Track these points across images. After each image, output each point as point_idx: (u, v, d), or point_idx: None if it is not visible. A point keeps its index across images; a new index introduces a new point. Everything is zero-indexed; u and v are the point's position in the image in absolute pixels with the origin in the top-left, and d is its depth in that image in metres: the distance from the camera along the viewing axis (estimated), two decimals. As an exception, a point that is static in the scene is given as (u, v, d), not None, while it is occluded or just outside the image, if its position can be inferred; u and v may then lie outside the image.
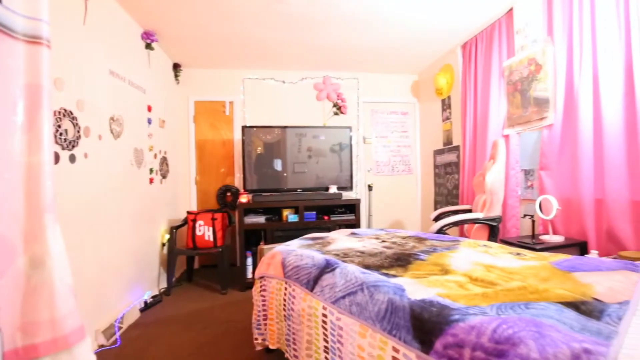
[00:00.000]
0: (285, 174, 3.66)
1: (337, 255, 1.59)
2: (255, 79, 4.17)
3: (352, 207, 3.52)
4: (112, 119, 2.38)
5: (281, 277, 1.62)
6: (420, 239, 1.93)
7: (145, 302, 2.74)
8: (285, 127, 3.70)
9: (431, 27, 3.13)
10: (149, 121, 3.06)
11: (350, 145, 3.81)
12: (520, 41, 2.66)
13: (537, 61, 2.47)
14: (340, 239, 1.96)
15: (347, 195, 3.87)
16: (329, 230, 3.25)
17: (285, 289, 1.58)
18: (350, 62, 4.02)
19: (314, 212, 3.40)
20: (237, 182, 4.09)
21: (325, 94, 4.26)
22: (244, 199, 3.31)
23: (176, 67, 3.85)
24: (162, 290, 3.16)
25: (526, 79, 2.56)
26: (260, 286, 1.79)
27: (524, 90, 2.59)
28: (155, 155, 3.21)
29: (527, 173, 2.78)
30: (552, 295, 1.04)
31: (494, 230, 2.50)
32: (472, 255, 1.53)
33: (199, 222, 3.32)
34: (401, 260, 1.46)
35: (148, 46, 3.02)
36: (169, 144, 3.59)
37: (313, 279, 1.42)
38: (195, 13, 2.73)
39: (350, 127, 3.83)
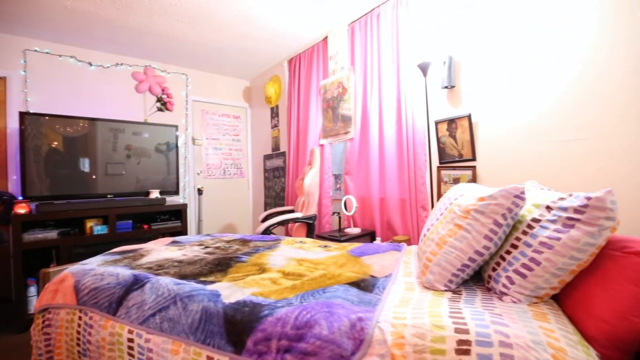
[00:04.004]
0: (94, 177, 3.00)
1: (150, 268, 1.42)
2: (46, 54, 3.25)
3: (179, 213, 3.25)
4: None
5: (73, 304, 1.32)
6: (244, 241, 1.97)
7: None
8: (94, 119, 3.04)
9: (262, 37, 3.28)
10: None
11: (177, 146, 3.51)
12: (332, 66, 3.15)
13: (343, 85, 2.98)
14: (157, 250, 1.77)
15: (172, 200, 3.55)
16: (148, 240, 2.88)
17: (80, 318, 1.29)
18: (178, 55, 3.72)
19: (130, 221, 2.94)
20: (13, 186, 3.06)
21: (147, 85, 3.78)
22: (22, 209, 2.51)
23: None
24: None
25: (336, 98, 3.05)
26: (43, 321, 1.40)
27: (334, 107, 3.08)
28: None
29: (337, 177, 3.31)
30: (344, 277, 1.27)
31: (310, 227, 2.84)
32: (289, 252, 1.68)
33: (-63, 246, 2.30)
34: (222, 265, 1.45)
35: None
36: None
37: (117, 300, 1.22)
38: None
39: (176, 126, 3.53)
